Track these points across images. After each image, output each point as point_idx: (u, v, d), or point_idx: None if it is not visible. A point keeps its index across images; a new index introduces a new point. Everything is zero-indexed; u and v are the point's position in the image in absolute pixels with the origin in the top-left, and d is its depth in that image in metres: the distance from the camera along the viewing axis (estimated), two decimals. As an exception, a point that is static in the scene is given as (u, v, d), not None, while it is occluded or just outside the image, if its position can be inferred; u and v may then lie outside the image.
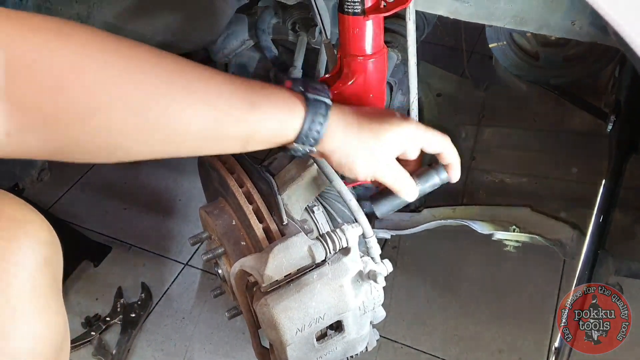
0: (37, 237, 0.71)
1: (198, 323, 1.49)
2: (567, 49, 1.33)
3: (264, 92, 0.75)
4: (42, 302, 0.70)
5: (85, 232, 1.67)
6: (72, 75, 0.59)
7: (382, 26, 0.96)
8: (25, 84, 0.57)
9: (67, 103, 0.59)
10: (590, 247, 0.94)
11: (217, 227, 1.02)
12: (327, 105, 0.79)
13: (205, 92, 0.69)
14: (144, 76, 0.64)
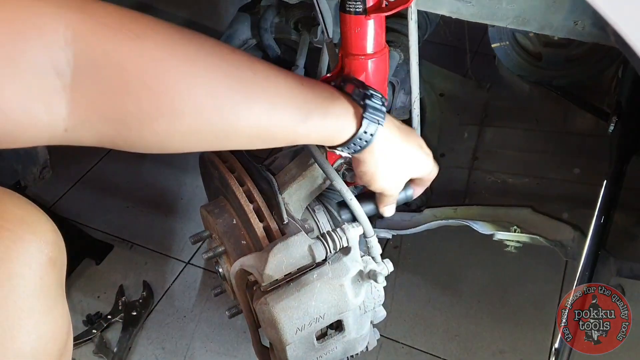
0: (44, 237, 0.70)
1: (199, 322, 1.50)
2: (569, 49, 1.32)
3: (322, 103, 0.75)
4: (47, 302, 0.70)
5: (87, 230, 1.68)
6: (142, 78, 0.58)
7: (383, 25, 0.96)
8: (91, 83, 0.56)
9: (133, 106, 0.59)
10: (591, 248, 0.94)
11: (217, 225, 1.02)
12: (380, 123, 0.80)
13: (266, 98, 0.69)
14: (216, 81, 0.63)
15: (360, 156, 0.84)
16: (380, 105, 0.81)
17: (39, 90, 0.53)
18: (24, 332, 0.67)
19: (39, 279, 0.69)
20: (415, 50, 1.05)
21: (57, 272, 0.72)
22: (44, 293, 0.69)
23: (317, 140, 0.78)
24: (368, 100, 0.80)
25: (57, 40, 0.53)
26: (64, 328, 0.74)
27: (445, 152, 1.54)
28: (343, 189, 0.99)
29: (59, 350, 0.72)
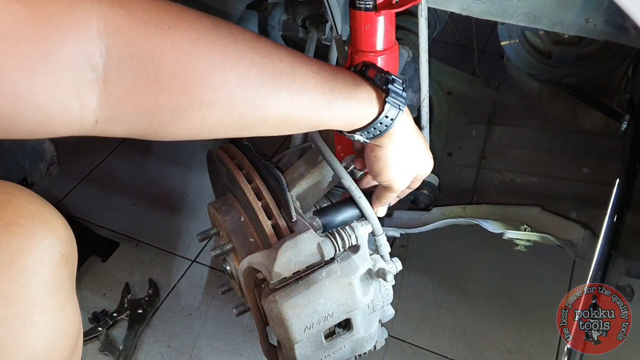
0: (56, 233, 0.70)
1: (205, 320, 1.49)
2: (580, 47, 1.31)
3: (345, 88, 0.75)
4: (60, 298, 0.70)
5: (93, 227, 1.68)
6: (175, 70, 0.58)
7: (394, 22, 0.95)
8: (123, 75, 0.55)
9: (165, 99, 0.58)
10: (603, 249, 0.93)
11: (225, 223, 1.02)
12: (401, 108, 0.81)
13: (293, 86, 0.69)
14: (245, 71, 0.63)
15: (377, 141, 0.83)
16: (401, 90, 0.81)
17: (72, 83, 0.53)
18: (36, 328, 0.67)
19: (52, 275, 0.68)
20: (425, 48, 1.05)
21: (69, 269, 0.72)
22: (57, 289, 0.69)
23: (339, 126, 0.78)
24: (390, 85, 0.80)
25: (91, 33, 0.53)
26: (76, 324, 0.73)
27: (453, 151, 1.53)
28: (352, 186, 0.99)
29: (71, 346, 0.72)
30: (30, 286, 0.66)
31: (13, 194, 0.70)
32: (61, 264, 0.70)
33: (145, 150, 1.92)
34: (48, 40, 0.51)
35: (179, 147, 1.91)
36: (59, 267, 0.70)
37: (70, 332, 0.72)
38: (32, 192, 0.72)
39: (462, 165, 1.50)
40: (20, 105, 0.51)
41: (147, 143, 1.93)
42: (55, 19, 0.51)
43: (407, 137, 0.86)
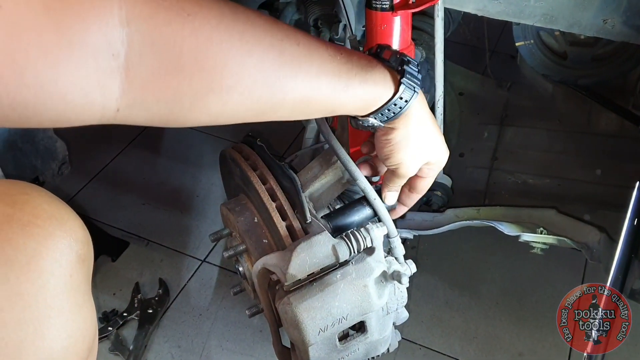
0: (73, 234, 0.70)
1: (215, 320, 1.49)
2: (596, 48, 1.30)
3: (360, 70, 0.75)
4: (77, 300, 0.69)
5: (103, 226, 1.67)
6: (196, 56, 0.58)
7: (410, 22, 0.95)
8: (144, 63, 0.56)
9: (186, 85, 0.59)
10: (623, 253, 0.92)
11: (238, 224, 1.01)
12: (415, 90, 0.80)
13: (310, 69, 0.69)
14: (264, 55, 0.64)
15: (390, 124, 0.82)
16: (416, 72, 0.80)
17: (95, 72, 0.53)
18: (53, 330, 0.66)
19: (69, 277, 0.68)
20: (440, 48, 1.04)
21: (86, 270, 0.72)
22: (74, 291, 0.68)
23: (354, 109, 0.78)
24: (406, 66, 0.79)
25: (113, 21, 0.53)
26: (92, 326, 0.73)
27: (465, 152, 1.52)
28: (366, 187, 0.98)
29: (87, 348, 0.71)
30: (48, 288, 0.66)
31: (30, 194, 0.69)
32: (78, 265, 0.70)
33: (155, 149, 1.92)
34: (70, 29, 0.50)
35: (189, 147, 1.91)
36: (76, 269, 0.69)
37: (87, 334, 0.71)
38: (49, 193, 0.71)
39: (474, 167, 1.49)
40: (44, 95, 0.51)
41: (157, 142, 1.93)
42: (77, 8, 0.51)
43: (420, 121, 0.84)
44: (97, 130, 0.72)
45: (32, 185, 0.72)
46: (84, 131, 1.80)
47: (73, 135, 1.65)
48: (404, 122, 0.82)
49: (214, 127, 1.93)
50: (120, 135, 1.92)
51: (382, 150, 0.87)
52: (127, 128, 0.78)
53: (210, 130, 1.94)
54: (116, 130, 0.78)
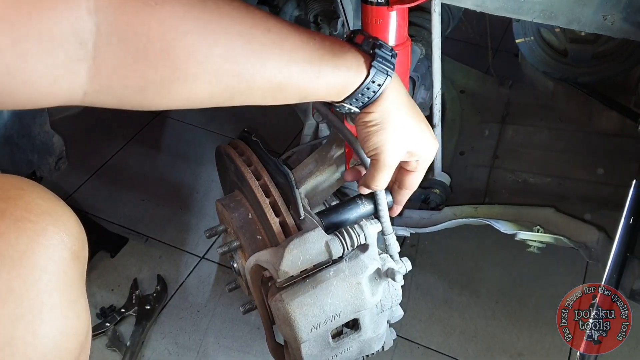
0: (67, 230, 0.69)
1: (213, 317, 1.48)
2: (596, 45, 1.28)
3: (333, 58, 0.75)
4: (70, 297, 0.68)
5: (103, 222, 1.67)
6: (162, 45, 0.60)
7: (406, 17, 0.94)
8: (112, 51, 0.57)
9: (153, 73, 0.60)
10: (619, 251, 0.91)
11: (233, 220, 1.01)
12: (389, 74, 0.79)
13: (281, 56, 0.70)
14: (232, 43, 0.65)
15: (368, 109, 0.81)
16: (389, 56, 0.79)
17: (63, 61, 0.55)
18: (46, 327, 0.65)
19: (62, 273, 0.67)
20: (438, 44, 1.03)
21: (80, 266, 0.71)
22: (67, 287, 0.68)
23: (327, 95, 0.78)
24: (377, 50, 0.79)
25: (81, 10, 0.54)
26: (85, 323, 0.72)
27: (465, 150, 1.51)
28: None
29: (80, 345, 0.71)
30: (40, 284, 0.65)
31: (24, 189, 0.69)
32: (72, 261, 0.69)
33: (155, 146, 1.91)
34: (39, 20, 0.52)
35: (189, 144, 1.91)
36: (69, 265, 0.68)
37: (80, 331, 0.70)
38: (44, 188, 0.71)
39: (475, 165, 1.48)
40: (14, 83, 0.53)
41: (157, 139, 1.93)
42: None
43: (398, 106, 0.83)
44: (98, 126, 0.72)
45: (27, 180, 0.71)
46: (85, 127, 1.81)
47: (73, 131, 1.65)
48: (381, 107, 0.81)
49: (214, 124, 1.93)
50: (121, 131, 1.92)
51: (361, 135, 0.85)
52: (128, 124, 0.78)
53: (210, 127, 1.94)
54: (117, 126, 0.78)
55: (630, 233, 0.90)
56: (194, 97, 0.66)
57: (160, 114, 1.97)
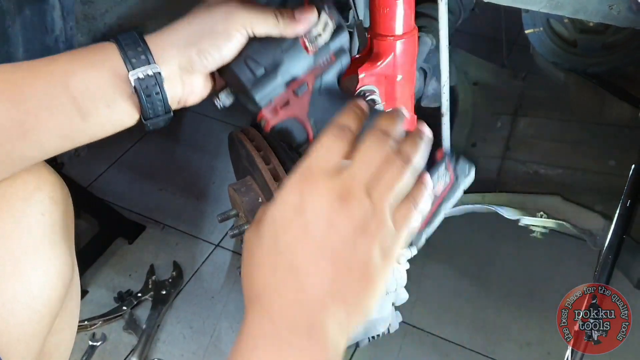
0: (41, 175, 0.74)
1: (227, 303, 1.52)
2: (606, 36, 1.29)
3: (66, 52, 0.69)
4: (52, 237, 0.73)
5: (121, 210, 1.71)
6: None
7: (413, 6, 0.96)
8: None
9: None
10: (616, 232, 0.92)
11: (243, 204, 1.04)
12: (135, 32, 0.68)
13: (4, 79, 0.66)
14: None
15: (161, 54, 0.69)
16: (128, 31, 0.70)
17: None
18: (29, 267, 0.69)
19: (41, 216, 0.71)
20: (445, 34, 1.04)
21: (60, 212, 0.74)
22: (48, 230, 0.72)
23: (88, 66, 0.67)
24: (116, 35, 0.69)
25: None
26: (68, 264, 0.75)
27: (477, 142, 1.52)
28: None
29: (63, 285, 0.74)
30: (21, 226, 0.70)
31: None
32: (51, 205, 0.73)
33: (173, 137, 1.95)
34: None
35: (207, 135, 1.94)
36: (48, 209, 0.72)
37: (63, 270, 0.74)
38: None
39: (486, 156, 1.49)
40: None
41: (175, 130, 1.97)
42: None
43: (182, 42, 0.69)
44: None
45: None
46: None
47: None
48: (164, 52, 0.69)
49: (232, 117, 1.97)
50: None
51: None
52: None
53: (228, 119, 1.97)
54: None
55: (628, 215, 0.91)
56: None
57: (179, 105, 2.01)
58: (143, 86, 0.66)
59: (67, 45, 1.08)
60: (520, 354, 1.40)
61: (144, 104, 0.67)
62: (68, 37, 1.08)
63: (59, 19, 1.05)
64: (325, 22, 0.77)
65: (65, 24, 1.07)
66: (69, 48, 1.08)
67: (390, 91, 1.01)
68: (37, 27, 1.02)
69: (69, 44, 1.09)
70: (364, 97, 0.85)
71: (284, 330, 0.53)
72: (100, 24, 1.18)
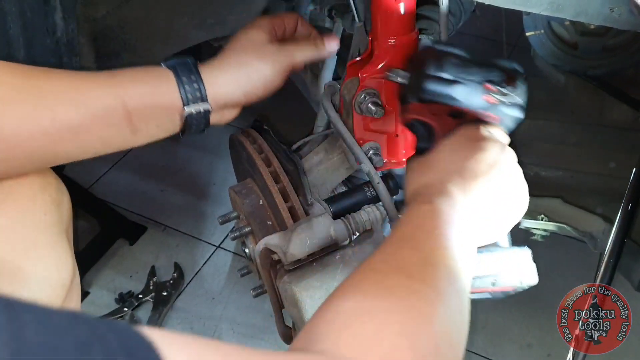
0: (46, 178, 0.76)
1: (227, 304, 1.52)
2: (606, 38, 1.29)
3: (124, 69, 0.78)
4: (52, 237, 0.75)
5: (122, 211, 1.72)
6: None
7: (413, 9, 0.96)
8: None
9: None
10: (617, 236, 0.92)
11: (244, 206, 1.04)
12: (191, 62, 0.80)
13: (61, 75, 0.73)
14: None
15: (214, 97, 0.82)
16: (182, 57, 0.81)
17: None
18: (30, 262, 0.71)
19: (43, 215, 0.74)
20: (445, 38, 1.04)
21: (61, 214, 0.77)
22: (49, 229, 0.75)
23: (148, 94, 0.78)
24: (169, 60, 0.81)
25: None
26: (68, 264, 0.77)
27: (478, 144, 1.52)
28: (371, 171, 1.00)
29: (63, 284, 0.75)
30: (25, 223, 0.72)
31: None
32: (53, 206, 0.76)
33: (174, 138, 1.95)
34: None
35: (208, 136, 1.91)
36: (50, 209, 0.75)
37: (63, 269, 0.76)
38: None
39: (487, 158, 1.48)
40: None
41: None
42: None
43: (232, 68, 0.85)
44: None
45: None
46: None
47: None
48: (216, 87, 0.83)
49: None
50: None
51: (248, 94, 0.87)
52: None
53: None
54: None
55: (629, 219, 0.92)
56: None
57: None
58: (192, 118, 0.80)
59: (68, 47, 1.08)
60: (521, 355, 1.40)
61: (189, 129, 0.83)
62: (69, 38, 1.08)
63: (61, 21, 1.05)
64: (519, 90, 0.88)
65: (67, 25, 1.07)
66: (71, 50, 1.08)
67: (391, 93, 1.02)
68: (39, 29, 1.02)
69: (70, 46, 1.09)
70: None
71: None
72: (101, 26, 1.17)
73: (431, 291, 0.58)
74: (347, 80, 1.02)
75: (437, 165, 0.76)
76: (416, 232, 0.66)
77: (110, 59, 1.21)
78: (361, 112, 1.00)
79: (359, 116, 1.01)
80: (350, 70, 1.03)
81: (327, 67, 1.23)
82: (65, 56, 1.08)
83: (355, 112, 1.01)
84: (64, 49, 1.08)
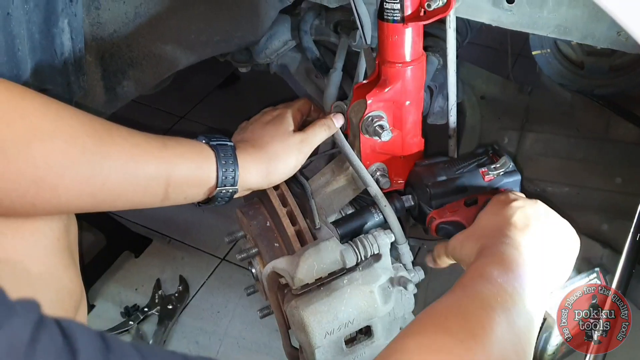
0: None
1: (233, 318, 1.52)
2: (613, 58, 1.29)
3: (173, 139, 0.84)
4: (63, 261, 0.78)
5: (128, 224, 1.72)
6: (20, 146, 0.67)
7: (421, 34, 0.96)
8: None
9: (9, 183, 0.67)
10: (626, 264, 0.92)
11: (251, 227, 1.04)
12: (231, 147, 0.88)
13: (122, 142, 0.77)
14: (75, 156, 0.72)
15: (243, 183, 0.91)
16: (222, 138, 0.90)
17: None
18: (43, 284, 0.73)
19: (57, 240, 0.77)
20: (453, 58, 1.05)
21: (69, 240, 0.80)
22: (61, 253, 0.77)
23: (189, 171, 0.84)
24: (212, 141, 0.88)
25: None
26: (78, 287, 0.80)
27: (484, 158, 1.52)
28: (378, 194, 1.00)
29: (74, 307, 0.78)
30: (39, 246, 0.75)
31: None
32: (64, 232, 0.79)
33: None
34: None
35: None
36: (62, 235, 0.78)
37: (73, 292, 0.78)
38: None
39: (494, 173, 1.48)
40: None
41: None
42: None
43: (256, 156, 0.93)
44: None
45: None
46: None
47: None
48: (244, 170, 0.89)
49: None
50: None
51: (271, 180, 0.96)
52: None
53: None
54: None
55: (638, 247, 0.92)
56: (55, 206, 0.72)
57: (184, 117, 2.02)
58: (219, 196, 0.89)
59: (75, 67, 1.08)
60: None
61: (211, 202, 0.92)
62: (77, 58, 1.09)
63: (68, 42, 1.05)
64: (504, 162, 1.01)
65: (74, 45, 1.07)
66: (78, 69, 1.08)
67: (398, 116, 1.02)
68: (47, 51, 1.02)
69: (77, 66, 1.09)
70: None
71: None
72: (108, 44, 1.18)
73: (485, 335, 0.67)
74: (354, 103, 1.03)
75: (484, 231, 0.88)
76: (476, 280, 0.78)
77: (116, 75, 1.21)
78: (368, 134, 1.01)
79: (366, 138, 1.02)
80: (358, 92, 1.03)
81: (332, 84, 1.23)
82: (72, 75, 1.08)
83: (362, 134, 1.01)
84: (72, 68, 1.08)
